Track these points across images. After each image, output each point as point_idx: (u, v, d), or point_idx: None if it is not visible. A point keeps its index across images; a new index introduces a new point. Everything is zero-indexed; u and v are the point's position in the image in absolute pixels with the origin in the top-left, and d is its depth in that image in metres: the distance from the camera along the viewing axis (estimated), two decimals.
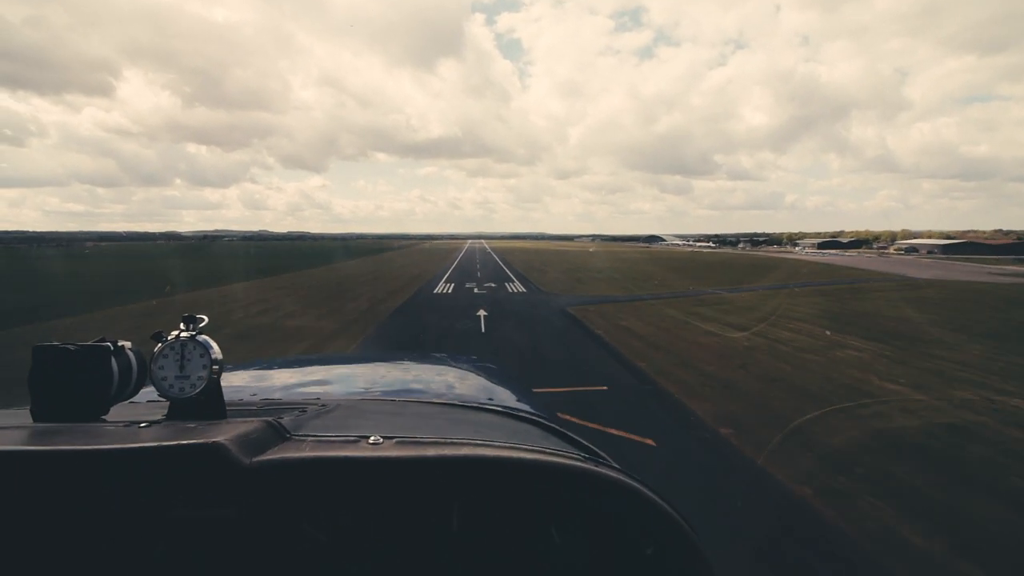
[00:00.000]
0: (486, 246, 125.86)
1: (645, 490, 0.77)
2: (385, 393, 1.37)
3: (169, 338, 0.86)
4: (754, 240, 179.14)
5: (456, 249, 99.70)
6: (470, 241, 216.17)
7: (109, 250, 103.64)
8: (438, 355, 2.30)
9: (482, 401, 1.31)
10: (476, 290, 27.84)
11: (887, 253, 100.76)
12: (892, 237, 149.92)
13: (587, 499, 0.74)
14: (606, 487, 0.75)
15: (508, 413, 1.17)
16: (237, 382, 1.50)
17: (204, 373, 0.84)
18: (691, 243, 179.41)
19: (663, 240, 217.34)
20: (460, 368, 1.91)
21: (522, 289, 28.58)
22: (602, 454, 0.98)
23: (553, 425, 1.12)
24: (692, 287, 29.26)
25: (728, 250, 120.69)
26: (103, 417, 0.82)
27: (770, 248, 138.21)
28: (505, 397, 1.49)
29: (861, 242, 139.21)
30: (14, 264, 53.15)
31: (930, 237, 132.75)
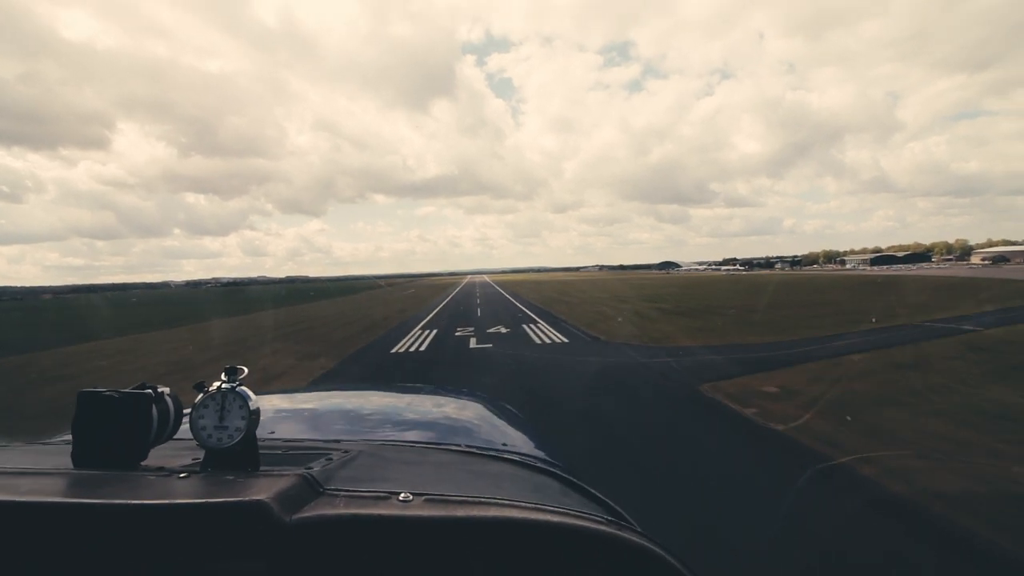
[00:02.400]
0: (487, 280, 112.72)
1: (668, 556, 0.75)
2: (403, 435, 1.44)
3: (211, 389, 0.87)
4: (792, 261, 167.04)
5: (452, 284, 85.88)
6: (470, 276, 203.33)
7: (53, 304, 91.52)
8: (429, 387, 2.47)
9: (498, 447, 1.37)
10: (474, 343, 14.35)
11: (972, 263, 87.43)
12: (947, 248, 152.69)
13: (610, 564, 0.72)
14: (629, 553, 0.73)
15: (526, 464, 1.18)
16: None
17: (242, 424, 0.84)
18: (716, 268, 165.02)
19: (679, 266, 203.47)
20: (469, 402, 2.01)
21: (557, 337, 14.93)
22: (622, 512, 0.96)
23: (570, 478, 1.12)
24: (874, 319, 15.54)
25: (766, 272, 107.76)
26: (141, 463, 0.82)
27: (810, 268, 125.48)
28: (518, 440, 1.54)
29: (918, 256, 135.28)
30: None
31: (991, 246, 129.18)
